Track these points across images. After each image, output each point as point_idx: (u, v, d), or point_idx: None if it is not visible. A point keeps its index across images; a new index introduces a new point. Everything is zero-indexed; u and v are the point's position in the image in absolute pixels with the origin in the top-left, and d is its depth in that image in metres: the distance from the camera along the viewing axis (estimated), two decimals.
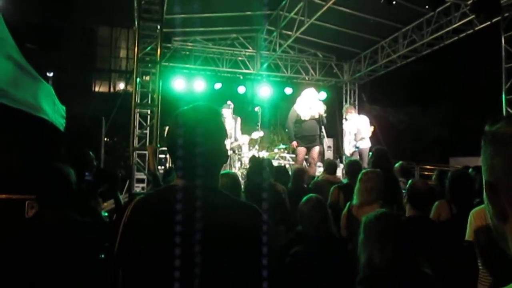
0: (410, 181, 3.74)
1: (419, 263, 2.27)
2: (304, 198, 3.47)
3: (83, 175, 3.60)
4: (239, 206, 1.53)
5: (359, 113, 11.55)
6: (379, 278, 2.17)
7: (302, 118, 8.98)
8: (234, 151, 9.99)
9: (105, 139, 13.79)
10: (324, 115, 9.12)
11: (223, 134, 1.61)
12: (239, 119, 10.27)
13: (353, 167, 5.42)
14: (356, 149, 9.68)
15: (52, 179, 2.62)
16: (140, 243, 1.39)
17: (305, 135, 9.04)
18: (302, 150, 9.11)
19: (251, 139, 10.27)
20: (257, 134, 10.18)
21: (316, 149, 9.12)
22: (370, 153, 5.69)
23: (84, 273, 2.52)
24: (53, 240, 2.48)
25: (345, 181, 5.54)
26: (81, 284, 2.51)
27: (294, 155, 10.18)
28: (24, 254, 2.50)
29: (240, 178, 9.25)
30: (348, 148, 9.94)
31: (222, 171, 3.80)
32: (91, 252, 2.64)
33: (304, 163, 9.58)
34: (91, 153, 3.95)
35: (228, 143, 9.76)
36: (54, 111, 3.96)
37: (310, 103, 9.03)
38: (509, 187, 0.79)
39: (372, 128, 9.82)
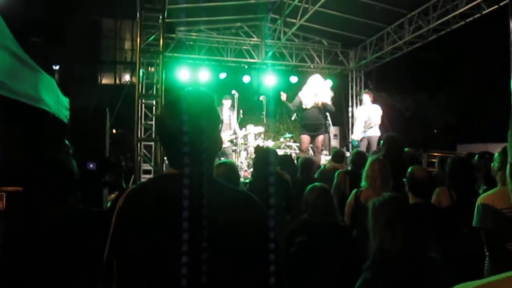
0: (409, 169, 3.72)
1: (428, 249, 2.25)
2: (309, 187, 3.45)
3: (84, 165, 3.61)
4: (235, 195, 1.49)
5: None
6: (390, 264, 2.15)
7: (304, 106, 8.89)
8: (233, 143, 10.00)
9: (113, 131, 13.84)
10: (330, 103, 9.04)
11: (217, 120, 1.54)
12: (235, 112, 10.27)
13: (360, 157, 5.43)
14: (365, 136, 9.65)
15: (53, 170, 2.61)
16: (134, 233, 1.37)
17: (307, 123, 8.96)
18: (306, 138, 9.03)
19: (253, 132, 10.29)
20: (257, 129, 10.18)
21: (320, 137, 9.06)
22: (382, 141, 5.70)
23: (88, 262, 2.52)
24: (56, 231, 2.48)
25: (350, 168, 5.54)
26: (85, 273, 2.51)
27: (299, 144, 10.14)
28: (29, 246, 2.50)
29: (247, 168, 9.34)
30: (357, 134, 9.89)
31: (220, 161, 3.80)
32: (94, 242, 2.63)
33: (311, 151, 9.55)
34: (66, 141, 3.94)
35: (227, 135, 9.76)
36: (57, 103, 3.95)
37: (316, 90, 8.94)
38: None
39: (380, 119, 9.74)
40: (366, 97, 10.07)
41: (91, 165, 3.90)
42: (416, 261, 2.15)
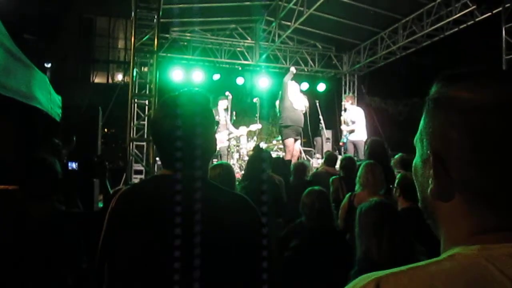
0: (399, 174, 3.70)
1: (417, 252, 2.21)
2: (307, 190, 3.45)
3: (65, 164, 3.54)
4: (230, 197, 1.47)
5: (357, 104, 11.51)
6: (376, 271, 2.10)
7: (295, 106, 8.71)
8: (230, 143, 9.95)
9: (105, 130, 13.75)
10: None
11: (212, 121, 1.52)
12: (229, 113, 10.23)
13: (349, 162, 5.45)
14: (346, 141, 9.64)
15: (36, 170, 2.56)
16: (126, 234, 1.34)
17: (295, 126, 8.69)
18: (291, 141, 8.74)
19: (249, 131, 10.23)
20: (255, 127, 10.13)
21: (299, 143, 9.02)
22: (366, 146, 5.69)
23: (71, 265, 2.48)
24: (39, 231, 2.44)
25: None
26: (69, 275, 2.47)
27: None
28: (13, 246, 2.46)
29: (239, 170, 9.31)
30: (342, 138, 9.94)
31: (216, 162, 3.77)
32: (78, 244, 2.59)
33: (303, 154, 9.54)
34: (56, 140, 3.87)
35: (224, 135, 9.71)
36: (50, 101, 3.90)
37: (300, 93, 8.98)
38: (464, 162, 0.69)
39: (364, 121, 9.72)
40: (346, 103, 10.16)
41: (73, 165, 3.78)
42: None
